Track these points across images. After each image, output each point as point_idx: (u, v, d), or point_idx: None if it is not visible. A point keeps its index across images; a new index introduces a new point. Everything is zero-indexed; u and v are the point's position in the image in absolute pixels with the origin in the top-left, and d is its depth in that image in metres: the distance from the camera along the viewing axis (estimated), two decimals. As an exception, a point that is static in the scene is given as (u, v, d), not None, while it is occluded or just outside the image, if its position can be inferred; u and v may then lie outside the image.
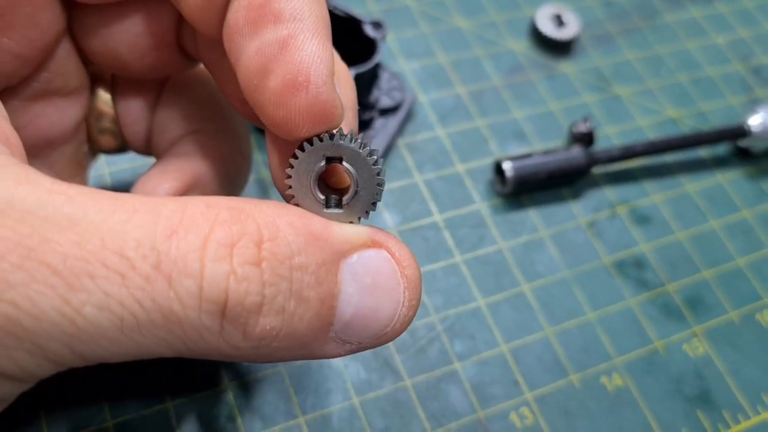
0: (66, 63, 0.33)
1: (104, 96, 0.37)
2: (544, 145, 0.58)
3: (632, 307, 0.52)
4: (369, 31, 0.52)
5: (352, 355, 0.46)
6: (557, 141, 0.59)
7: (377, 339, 0.28)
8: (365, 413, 0.44)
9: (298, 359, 0.28)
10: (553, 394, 0.47)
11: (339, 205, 0.28)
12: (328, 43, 0.27)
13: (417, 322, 0.48)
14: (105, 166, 0.51)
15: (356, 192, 0.28)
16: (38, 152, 0.35)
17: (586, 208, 0.56)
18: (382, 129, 0.54)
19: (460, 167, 0.56)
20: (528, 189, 0.54)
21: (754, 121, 0.59)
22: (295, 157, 0.28)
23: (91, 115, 0.37)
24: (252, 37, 0.27)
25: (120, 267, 0.22)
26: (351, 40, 0.52)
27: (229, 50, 0.28)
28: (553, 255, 0.53)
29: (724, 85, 0.67)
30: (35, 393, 0.37)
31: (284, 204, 0.27)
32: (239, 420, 0.42)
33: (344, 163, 0.27)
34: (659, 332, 0.51)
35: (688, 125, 0.63)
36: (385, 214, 0.52)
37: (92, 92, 0.37)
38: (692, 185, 0.59)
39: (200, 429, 0.42)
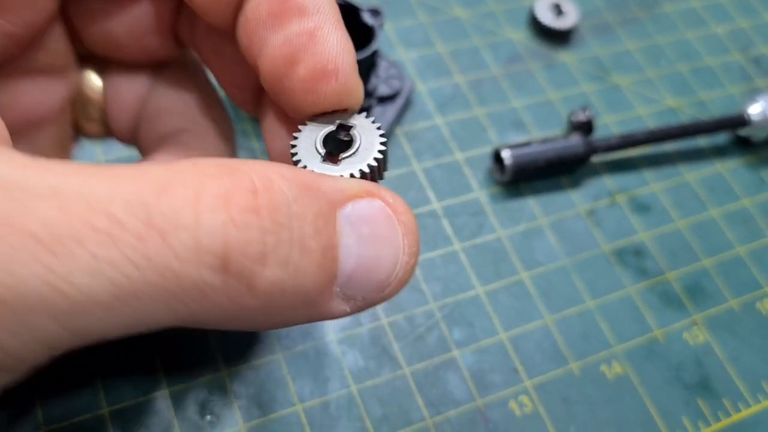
0: (55, 41, 0.33)
1: (93, 82, 0.37)
2: (543, 134, 0.58)
3: (632, 296, 0.51)
4: (367, 18, 0.51)
5: (350, 343, 0.45)
6: (556, 130, 0.59)
7: (382, 291, 0.27)
8: (363, 401, 0.44)
9: (305, 321, 0.27)
10: (552, 382, 0.47)
11: (336, 160, 0.28)
12: (347, 33, 0.29)
13: (415, 310, 0.48)
14: (101, 154, 0.50)
15: (356, 151, 0.28)
16: (21, 132, 0.34)
17: (586, 197, 0.56)
18: (380, 117, 0.54)
19: (458, 155, 0.56)
20: (527, 177, 0.54)
21: (754, 110, 0.59)
22: (304, 123, 0.29)
23: (78, 100, 0.37)
24: (277, 30, 0.28)
25: (109, 227, 0.21)
26: (349, 27, 0.52)
27: (248, 41, 0.29)
28: (552, 243, 0.53)
29: (723, 74, 0.66)
30: (29, 381, 0.37)
31: (274, 162, 0.26)
32: (236, 406, 0.42)
33: (352, 130, 0.29)
34: (659, 320, 0.51)
35: (687, 114, 0.63)
36: (383, 202, 0.52)
37: (81, 76, 0.37)
38: (692, 174, 0.59)
39: (197, 416, 0.41)
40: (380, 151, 0.28)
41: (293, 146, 0.29)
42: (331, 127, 0.29)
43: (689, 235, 0.55)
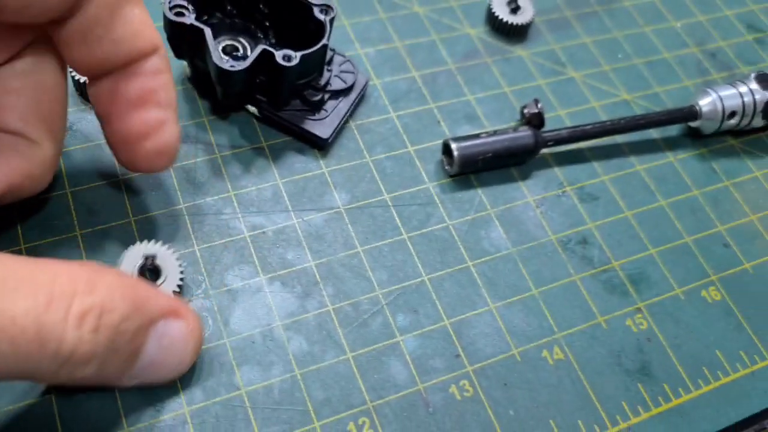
0: None
1: None
2: (496, 128, 0.59)
3: (577, 283, 0.52)
4: (318, 14, 0.53)
5: (296, 329, 0.47)
6: (510, 123, 0.60)
7: (161, 380, 0.40)
8: (306, 385, 0.45)
9: (99, 385, 0.38)
10: (493, 367, 0.48)
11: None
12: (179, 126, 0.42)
13: (360, 297, 0.49)
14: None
15: (165, 280, 0.45)
16: None
17: (535, 188, 0.57)
18: (333, 111, 0.55)
19: (411, 148, 0.57)
20: (476, 169, 0.55)
21: (705, 103, 0.60)
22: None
23: None
24: (138, 109, 0.40)
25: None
26: (302, 23, 0.53)
27: (112, 99, 0.40)
28: (500, 233, 0.54)
29: (680, 68, 0.67)
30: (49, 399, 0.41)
31: (120, 275, 0.35)
32: (181, 392, 0.43)
33: (158, 260, 0.45)
34: (603, 308, 0.52)
35: (642, 107, 0.64)
36: (334, 193, 0.53)
37: None
38: (643, 165, 0.60)
39: (142, 401, 0.42)
40: (180, 279, 0.45)
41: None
42: (141, 261, 0.44)
43: (637, 224, 0.56)
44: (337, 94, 0.56)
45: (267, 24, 0.56)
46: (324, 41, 0.52)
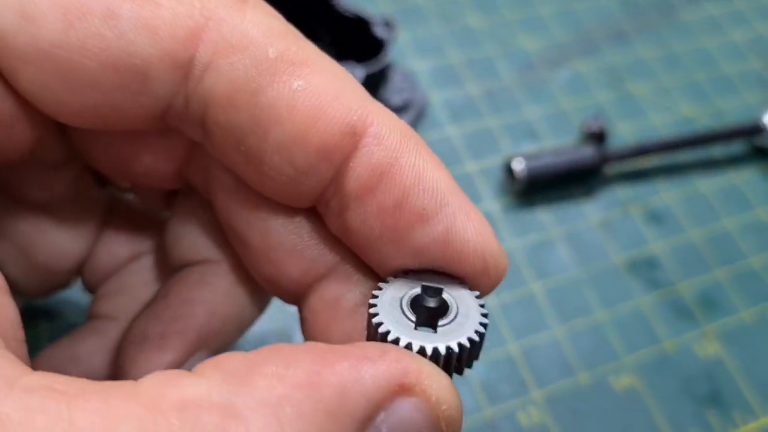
0: (50, 144, 0.29)
1: None
2: (556, 144, 0.58)
3: (642, 307, 0.51)
4: (379, 31, 0.52)
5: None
6: (570, 139, 0.59)
7: None
8: (372, 411, 0.45)
9: None
10: (560, 393, 0.47)
11: (433, 325, 0.24)
12: (479, 215, 0.25)
13: (425, 321, 0.48)
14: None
15: (455, 318, 0.25)
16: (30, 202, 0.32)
17: (598, 207, 0.56)
18: (393, 128, 0.54)
19: (470, 166, 0.56)
20: (539, 188, 0.54)
21: (770, 119, 0.59)
22: (386, 281, 0.25)
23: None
24: (401, 245, 0.25)
25: None
26: (361, 39, 0.53)
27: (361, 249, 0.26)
28: (564, 254, 0.53)
29: (741, 82, 0.66)
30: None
31: (283, 356, 0.21)
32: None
33: (444, 292, 0.25)
34: (669, 332, 0.51)
35: (703, 124, 0.62)
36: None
37: None
38: (706, 184, 0.59)
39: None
40: (482, 324, 0.25)
41: (372, 306, 0.24)
42: (417, 289, 0.25)
43: (702, 245, 0.55)
44: (395, 111, 0.55)
45: (327, 40, 0.56)
46: (385, 62, 0.51)
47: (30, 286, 0.33)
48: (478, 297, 0.25)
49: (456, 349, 0.23)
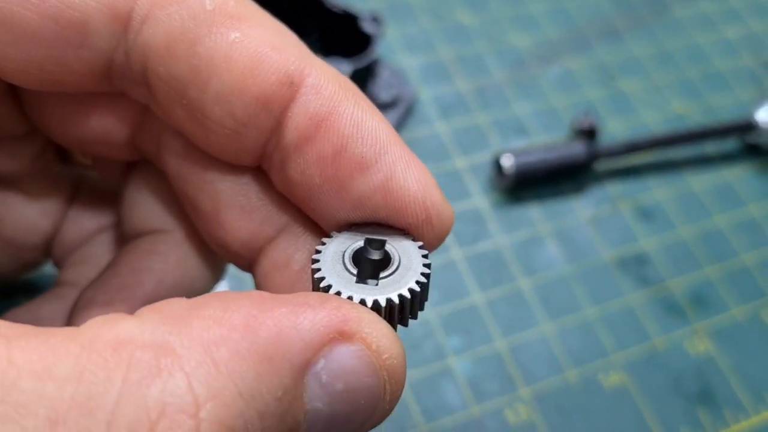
0: (5, 116, 0.29)
1: None
2: (546, 140, 0.58)
3: (632, 304, 0.51)
4: (366, 27, 0.52)
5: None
6: (560, 136, 0.58)
7: None
8: (357, 408, 0.44)
9: None
10: (548, 390, 0.47)
11: (375, 277, 0.24)
12: (419, 164, 0.25)
13: (411, 317, 0.48)
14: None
15: (397, 269, 0.24)
16: None
17: (588, 204, 0.55)
18: (381, 124, 0.54)
19: (459, 162, 0.56)
20: (528, 184, 0.54)
21: (763, 116, 0.58)
22: (329, 236, 0.25)
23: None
24: (342, 194, 0.25)
25: None
26: (349, 34, 0.52)
27: (301, 198, 0.26)
28: (553, 251, 0.52)
29: (733, 79, 0.66)
30: None
31: (222, 301, 0.21)
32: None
33: (388, 245, 0.25)
34: (659, 329, 0.50)
35: (695, 121, 0.62)
36: (382, 209, 0.52)
37: None
38: (697, 181, 0.58)
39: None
40: (424, 274, 0.24)
41: (315, 261, 0.24)
42: (360, 242, 0.25)
43: (693, 242, 0.55)
44: (384, 107, 0.55)
45: (314, 35, 0.55)
46: (372, 57, 0.51)
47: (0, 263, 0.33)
48: (422, 248, 0.25)
49: (396, 300, 0.23)
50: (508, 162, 0.53)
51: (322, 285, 0.24)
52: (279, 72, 0.24)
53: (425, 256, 0.25)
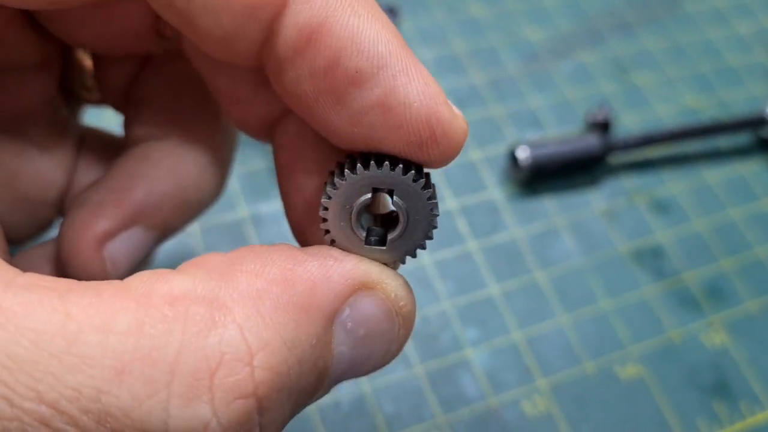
0: (20, 41, 0.29)
1: (85, 56, 0.35)
2: (560, 133, 0.58)
3: (648, 296, 0.51)
4: (383, 17, 0.51)
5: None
6: (574, 129, 0.58)
7: (366, 374, 0.26)
8: (376, 399, 0.44)
9: None
10: (565, 382, 0.47)
11: (382, 242, 0.24)
12: (423, 76, 0.23)
13: (428, 309, 0.48)
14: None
15: (404, 230, 0.24)
16: (8, 127, 0.32)
17: (603, 196, 0.55)
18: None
19: (475, 154, 0.56)
20: (543, 176, 0.54)
21: (776, 110, 0.59)
22: (334, 186, 0.24)
23: (75, 71, 0.35)
24: (337, 109, 0.24)
25: (60, 426, 0.18)
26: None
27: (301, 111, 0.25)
28: (568, 243, 0.52)
29: (746, 74, 0.66)
30: None
31: (257, 255, 0.23)
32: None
33: (395, 197, 0.24)
34: (675, 322, 0.50)
35: (708, 115, 0.62)
36: (398, 200, 0.52)
37: (72, 51, 0.34)
38: (712, 174, 0.58)
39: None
40: (431, 224, 0.24)
41: (324, 217, 0.24)
42: (367, 197, 0.24)
43: (707, 235, 0.55)
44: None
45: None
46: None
47: (15, 223, 0.32)
48: (430, 198, 0.24)
49: (404, 261, 0.25)
50: (523, 154, 0.53)
51: (332, 242, 0.25)
52: None
53: (433, 206, 0.24)
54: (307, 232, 0.29)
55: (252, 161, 0.53)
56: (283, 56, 0.24)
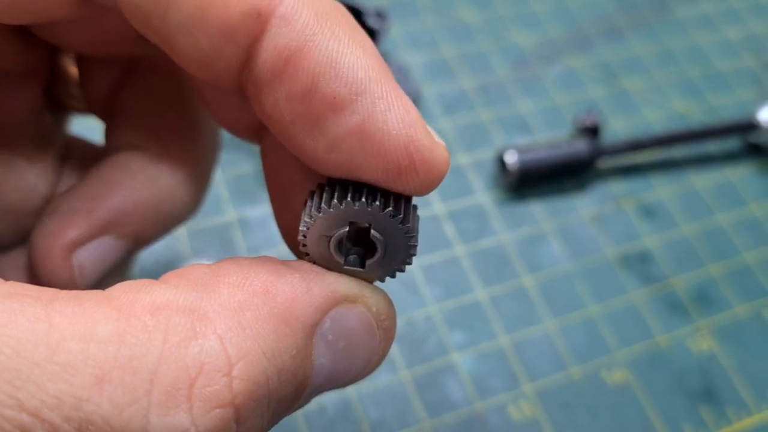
0: (5, 48, 0.29)
1: (70, 64, 0.35)
2: (549, 138, 0.58)
3: (635, 301, 0.51)
4: (371, 22, 0.52)
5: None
6: (563, 134, 0.58)
7: (345, 386, 0.26)
8: (362, 404, 0.44)
9: None
10: (551, 387, 0.47)
11: (362, 264, 0.25)
12: (403, 103, 0.23)
13: (415, 314, 0.48)
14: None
15: (383, 257, 0.24)
16: None
17: (591, 201, 0.55)
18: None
19: (463, 159, 0.56)
20: (531, 181, 0.54)
21: (765, 115, 0.59)
22: (311, 217, 0.24)
23: (61, 79, 0.35)
24: (314, 134, 0.23)
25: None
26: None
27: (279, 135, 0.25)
28: (556, 248, 0.52)
29: (735, 79, 0.66)
30: None
31: (240, 267, 0.23)
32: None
33: (372, 231, 0.24)
34: (662, 327, 0.50)
35: (697, 120, 0.62)
36: (386, 205, 0.52)
37: (58, 59, 0.34)
38: (700, 180, 0.58)
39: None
40: (409, 252, 0.24)
41: (303, 243, 0.24)
42: (344, 230, 0.24)
43: (696, 241, 0.55)
44: (388, 103, 0.55)
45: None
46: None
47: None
48: (407, 233, 0.24)
49: (383, 281, 0.25)
50: (511, 159, 0.53)
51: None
52: (244, 2, 0.22)
53: (411, 238, 0.24)
54: (295, 238, 0.29)
55: (239, 165, 0.52)
56: (261, 79, 0.23)
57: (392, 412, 0.44)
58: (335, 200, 0.23)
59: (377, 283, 0.26)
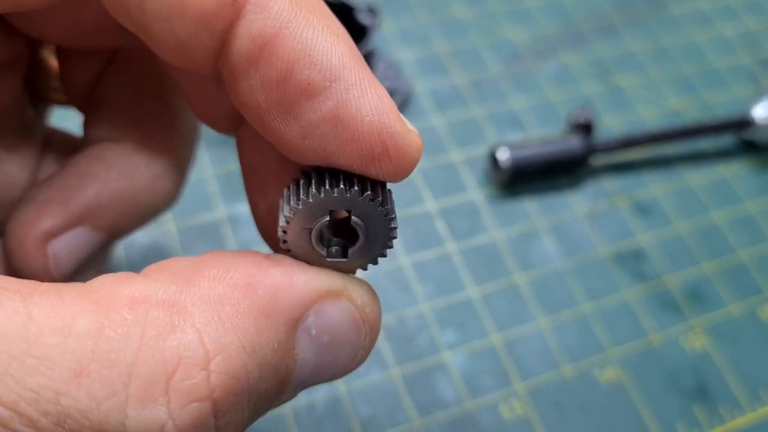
0: None
1: (51, 56, 0.34)
2: (542, 135, 0.57)
3: (628, 299, 0.51)
4: (362, 18, 0.51)
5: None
6: (556, 130, 0.58)
7: (330, 380, 0.26)
8: (351, 402, 0.44)
9: None
10: (543, 386, 0.46)
11: (344, 254, 0.25)
12: (376, 90, 0.23)
13: (405, 311, 0.47)
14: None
15: (365, 243, 0.25)
16: None
17: (584, 199, 0.55)
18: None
19: (455, 155, 0.55)
20: (524, 178, 0.54)
21: (759, 112, 0.58)
22: (291, 211, 0.24)
23: (41, 71, 0.35)
24: (289, 121, 0.23)
25: (18, 428, 0.18)
26: (345, 25, 0.52)
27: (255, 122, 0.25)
28: (549, 245, 0.52)
29: (730, 76, 0.65)
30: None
31: (222, 260, 0.23)
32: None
33: (353, 217, 0.24)
34: (655, 325, 0.50)
35: (691, 117, 0.62)
36: (377, 202, 0.52)
37: (39, 51, 0.34)
38: (694, 177, 0.58)
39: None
40: (390, 236, 0.24)
41: (284, 239, 0.24)
42: (325, 220, 0.24)
43: (689, 238, 0.54)
44: (380, 99, 0.54)
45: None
46: (367, 47, 0.50)
47: None
48: (387, 216, 0.24)
49: (366, 269, 0.25)
50: (504, 155, 0.52)
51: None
52: None
53: (391, 220, 0.24)
54: (271, 230, 0.30)
55: (229, 162, 0.52)
56: (236, 66, 0.23)
57: (382, 409, 0.44)
58: (313, 189, 0.23)
59: (361, 274, 0.26)
